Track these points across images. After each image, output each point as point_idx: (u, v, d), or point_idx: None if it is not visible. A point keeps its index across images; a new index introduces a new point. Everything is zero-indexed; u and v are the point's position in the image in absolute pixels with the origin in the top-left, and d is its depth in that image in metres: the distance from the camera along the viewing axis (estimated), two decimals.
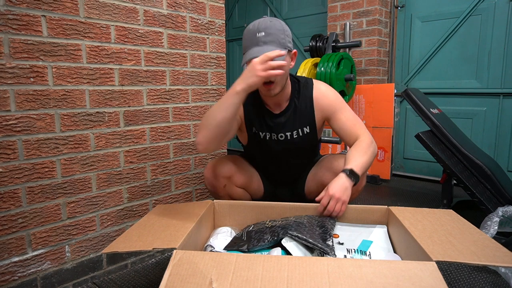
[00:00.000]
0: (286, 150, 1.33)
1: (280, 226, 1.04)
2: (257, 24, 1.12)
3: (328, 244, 0.96)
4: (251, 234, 1.06)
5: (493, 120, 2.40)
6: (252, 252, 0.99)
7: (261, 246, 0.99)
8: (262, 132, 1.31)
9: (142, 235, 0.95)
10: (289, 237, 0.98)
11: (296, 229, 0.99)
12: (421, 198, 2.21)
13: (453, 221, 1.02)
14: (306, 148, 1.37)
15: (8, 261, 1.04)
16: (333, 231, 1.05)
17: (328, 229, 1.04)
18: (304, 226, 1.02)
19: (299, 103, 1.29)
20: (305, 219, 1.08)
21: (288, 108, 1.29)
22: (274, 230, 1.03)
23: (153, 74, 1.35)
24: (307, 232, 0.99)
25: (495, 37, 2.33)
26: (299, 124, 1.30)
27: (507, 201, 1.61)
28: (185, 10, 1.43)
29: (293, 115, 1.29)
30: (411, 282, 0.71)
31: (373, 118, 2.57)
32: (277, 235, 1.00)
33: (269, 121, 1.30)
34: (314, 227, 1.04)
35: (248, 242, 1.02)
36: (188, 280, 0.74)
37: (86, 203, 1.20)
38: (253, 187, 1.43)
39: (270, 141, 1.32)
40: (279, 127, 1.30)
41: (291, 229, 0.99)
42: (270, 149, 1.34)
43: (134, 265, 1.35)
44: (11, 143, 1.02)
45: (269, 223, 1.10)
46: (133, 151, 1.32)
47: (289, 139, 1.31)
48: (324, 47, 2.59)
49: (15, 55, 1.01)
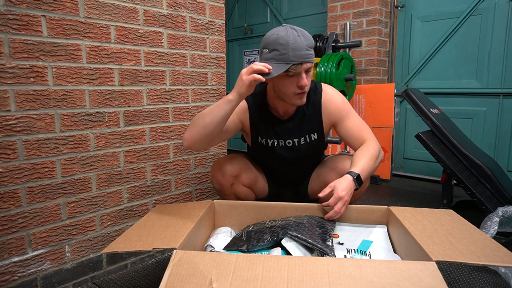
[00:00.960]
0: (292, 156, 1.33)
1: (279, 226, 1.04)
2: (300, 37, 1.10)
3: (328, 245, 0.96)
4: (250, 234, 1.06)
5: (493, 120, 2.40)
6: (252, 252, 0.99)
7: (260, 246, 0.99)
8: (270, 139, 1.31)
9: (142, 235, 0.95)
10: (288, 237, 0.98)
11: (296, 229, 0.99)
12: (421, 198, 2.21)
13: (453, 221, 1.02)
14: (313, 153, 1.37)
15: (8, 261, 1.04)
16: (333, 232, 1.05)
17: (328, 229, 1.04)
18: (303, 226, 1.02)
19: (307, 109, 1.28)
20: (305, 219, 1.08)
21: (296, 114, 1.28)
22: (273, 230, 1.03)
23: (153, 74, 1.35)
24: (307, 232, 0.99)
25: (495, 37, 2.33)
26: (307, 130, 1.29)
27: (507, 201, 1.61)
28: (185, 10, 1.43)
29: (301, 121, 1.28)
30: (411, 282, 0.71)
31: (373, 118, 2.57)
32: (276, 235, 1.00)
33: (276, 128, 1.29)
34: (314, 227, 1.04)
35: (248, 242, 1.02)
36: (188, 280, 0.74)
37: (86, 203, 1.20)
38: (259, 187, 1.43)
39: (277, 148, 1.32)
40: (287, 133, 1.29)
41: (290, 229, 0.99)
42: (276, 155, 1.33)
43: (134, 265, 1.35)
44: (11, 143, 1.02)
45: (268, 223, 1.10)
46: (133, 151, 1.32)
47: (297, 146, 1.31)
48: (324, 47, 2.59)
49: (15, 55, 1.01)
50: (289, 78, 1.12)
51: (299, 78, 1.12)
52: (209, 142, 1.15)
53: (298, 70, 1.10)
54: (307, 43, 1.10)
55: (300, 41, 1.08)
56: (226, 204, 1.25)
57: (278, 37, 1.08)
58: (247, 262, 0.77)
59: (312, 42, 1.12)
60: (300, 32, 1.10)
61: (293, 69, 1.09)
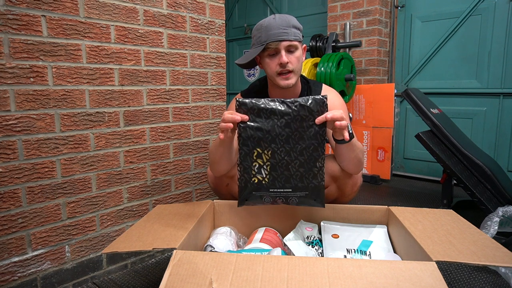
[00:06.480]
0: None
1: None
2: (274, 19, 1.16)
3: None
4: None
5: (493, 120, 2.40)
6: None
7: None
8: None
9: (142, 235, 0.95)
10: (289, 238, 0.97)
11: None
12: (421, 198, 2.21)
13: (453, 221, 1.02)
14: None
15: (8, 261, 1.04)
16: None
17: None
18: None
19: None
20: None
21: None
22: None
23: (153, 74, 1.35)
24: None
25: (495, 37, 2.33)
26: None
27: (507, 201, 1.61)
28: (185, 10, 1.43)
29: None
30: (411, 282, 0.71)
31: (373, 118, 2.57)
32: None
33: None
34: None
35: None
36: (188, 280, 0.74)
37: (86, 203, 1.20)
38: None
39: None
40: None
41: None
42: None
43: (134, 265, 1.35)
44: (11, 143, 1.02)
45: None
46: (133, 151, 1.32)
47: None
48: (324, 47, 2.59)
49: (15, 55, 1.01)
50: (271, 58, 1.18)
51: (279, 56, 1.16)
52: (226, 167, 1.21)
53: (274, 46, 1.14)
54: (283, 24, 1.14)
55: (273, 22, 1.14)
56: (226, 204, 1.25)
57: (257, 25, 1.19)
58: (247, 262, 0.77)
59: (293, 23, 1.16)
60: (279, 16, 1.16)
61: (270, 46, 1.14)
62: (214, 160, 1.18)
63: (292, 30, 1.16)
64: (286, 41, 1.14)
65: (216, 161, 1.18)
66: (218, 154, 1.15)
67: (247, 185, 1.01)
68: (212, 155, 1.19)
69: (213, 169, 1.23)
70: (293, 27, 1.16)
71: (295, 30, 1.17)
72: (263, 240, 1.08)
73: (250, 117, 0.99)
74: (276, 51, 1.16)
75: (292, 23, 1.16)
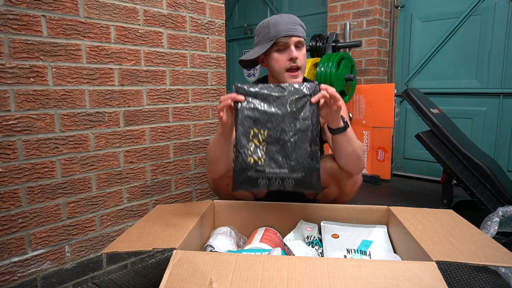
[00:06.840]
0: None
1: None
2: (281, 17, 1.19)
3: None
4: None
5: (493, 120, 2.40)
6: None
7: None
8: None
9: (142, 235, 0.95)
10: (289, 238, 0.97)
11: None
12: (421, 198, 2.21)
13: (453, 221, 1.02)
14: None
15: (8, 261, 1.04)
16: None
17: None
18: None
19: None
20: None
21: None
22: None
23: (153, 74, 1.35)
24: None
25: (495, 37, 2.33)
26: None
27: (507, 201, 1.61)
28: (185, 10, 1.43)
29: None
30: (411, 282, 0.71)
31: (373, 118, 2.57)
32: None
33: None
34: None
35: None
36: (188, 280, 0.74)
37: (86, 203, 1.20)
38: None
39: None
40: None
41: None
42: None
43: (134, 265, 1.35)
44: (11, 143, 1.02)
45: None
46: (133, 151, 1.32)
47: None
48: (324, 47, 2.59)
49: (15, 55, 1.01)
50: (280, 54, 1.18)
51: (289, 51, 1.16)
52: (228, 165, 1.18)
53: (285, 41, 1.15)
54: (290, 21, 1.16)
55: (281, 19, 1.16)
56: (226, 204, 1.25)
57: (262, 23, 1.20)
58: (247, 262, 0.77)
59: (299, 21, 1.19)
60: (285, 15, 1.18)
61: (281, 40, 1.15)
62: (213, 158, 1.17)
63: (299, 27, 1.18)
64: (296, 37, 1.16)
65: (215, 159, 1.17)
66: (217, 151, 1.14)
67: (243, 165, 1.01)
68: (211, 152, 1.18)
69: (211, 169, 1.21)
70: (299, 25, 1.18)
71: (301, 28, 1.19)
72: (263, 240, 1.08)
73: (247, 99, 1.02)
74: (286, 46, 1.16)
75: (298, 22, 1.18)
